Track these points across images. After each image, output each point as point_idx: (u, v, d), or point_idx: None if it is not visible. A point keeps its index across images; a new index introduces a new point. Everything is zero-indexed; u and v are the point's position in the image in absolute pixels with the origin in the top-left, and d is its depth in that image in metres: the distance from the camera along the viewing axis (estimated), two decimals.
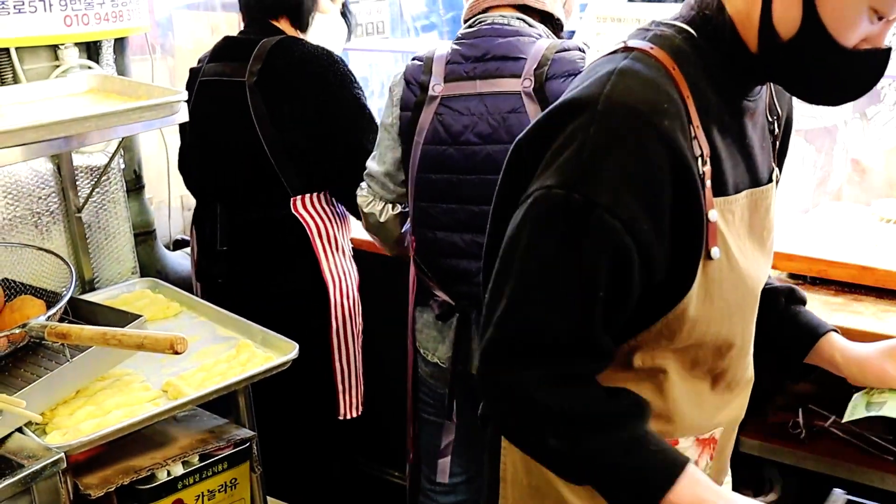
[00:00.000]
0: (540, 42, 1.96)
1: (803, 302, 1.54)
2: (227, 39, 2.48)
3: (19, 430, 1.71)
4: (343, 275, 2.43)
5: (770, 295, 1.49)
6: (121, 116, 1.96)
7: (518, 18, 2.01)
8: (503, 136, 1.92)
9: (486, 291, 1.24)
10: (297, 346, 2.04)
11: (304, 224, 2.35)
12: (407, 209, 2.13)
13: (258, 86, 2.29)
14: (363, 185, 2.17)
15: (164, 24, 3.06)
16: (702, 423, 1.36)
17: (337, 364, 2.44)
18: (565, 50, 1.93)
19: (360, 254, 2.56)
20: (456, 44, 2.03)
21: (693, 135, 1.16)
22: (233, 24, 3.15)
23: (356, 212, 2.36)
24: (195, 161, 2.53)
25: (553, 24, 2.07)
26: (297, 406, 2.48)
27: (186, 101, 2.11)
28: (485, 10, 2.03)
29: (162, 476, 1.86)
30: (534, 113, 1.91)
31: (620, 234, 1.11)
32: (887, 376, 1.40)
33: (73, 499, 1.73)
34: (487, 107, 1.95)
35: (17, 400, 1.68)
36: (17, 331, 1.82)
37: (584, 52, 1.95)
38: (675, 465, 1.17)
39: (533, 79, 1.91)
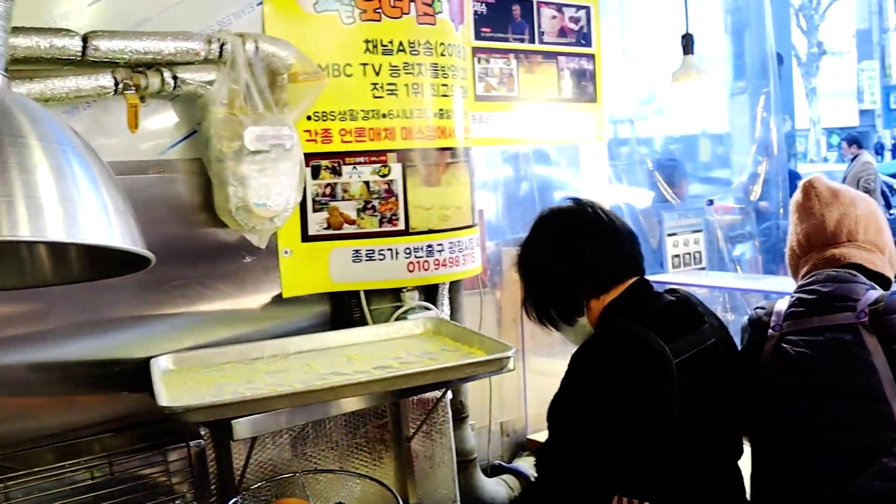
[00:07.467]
0: (872, 291, 2.04)
1: None
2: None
3: None
4: None
5: None
6: (455, 371, 2.10)
7: (849, 272, 2.11)
8: (846, 368, 1.97)
9: None
10: None
11: None
12: None
13: None
14: None
15: (493, 258, 3.27)
16: None
17: None
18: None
19: None
20: (794, 294, 2.13)
21: None
22: None
23: None
24: None
25: (883, 282, 2.14)
26: None
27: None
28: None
29: None
30: (872, 344, 1.96)
31: None
32: None
33: None
34: (825, 337, 2.00)
35: None
36: None
37: None
38: None
39: (868, 313, 1.97)
